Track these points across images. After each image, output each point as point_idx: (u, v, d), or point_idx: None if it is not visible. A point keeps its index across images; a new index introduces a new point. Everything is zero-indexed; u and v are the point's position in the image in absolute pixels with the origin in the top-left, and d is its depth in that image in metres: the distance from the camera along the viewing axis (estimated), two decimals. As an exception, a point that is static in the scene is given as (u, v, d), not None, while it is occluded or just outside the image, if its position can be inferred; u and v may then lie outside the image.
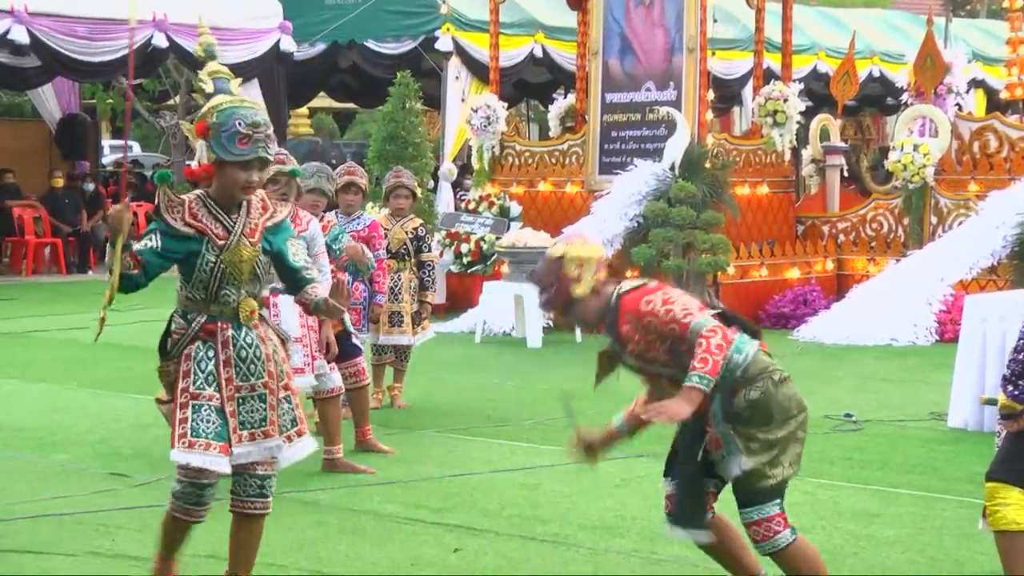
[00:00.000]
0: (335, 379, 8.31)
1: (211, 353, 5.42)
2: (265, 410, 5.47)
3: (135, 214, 24.14)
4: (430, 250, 10.76)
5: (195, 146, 5.43)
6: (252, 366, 5.46)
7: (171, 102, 30.76)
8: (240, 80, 5.74)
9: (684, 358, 5.14)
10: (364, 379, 8.80)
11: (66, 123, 25.73)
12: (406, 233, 10.56)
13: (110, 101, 29.52)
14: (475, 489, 6.95)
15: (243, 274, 5.42)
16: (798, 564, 5.34)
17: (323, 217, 8.67)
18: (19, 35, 20.04)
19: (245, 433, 5.43)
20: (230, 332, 5.44)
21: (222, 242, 5.37)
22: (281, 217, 5.57)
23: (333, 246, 8.49)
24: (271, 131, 5.44)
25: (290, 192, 7.87)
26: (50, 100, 25.47)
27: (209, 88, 5.43)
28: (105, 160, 36.19)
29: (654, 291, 5.29)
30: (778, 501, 5.34)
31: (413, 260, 10.52)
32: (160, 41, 21.37)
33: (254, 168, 5.36)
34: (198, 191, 5.45)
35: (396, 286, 10.33)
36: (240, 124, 5.29)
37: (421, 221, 10.91)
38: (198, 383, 5.40)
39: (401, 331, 10.37)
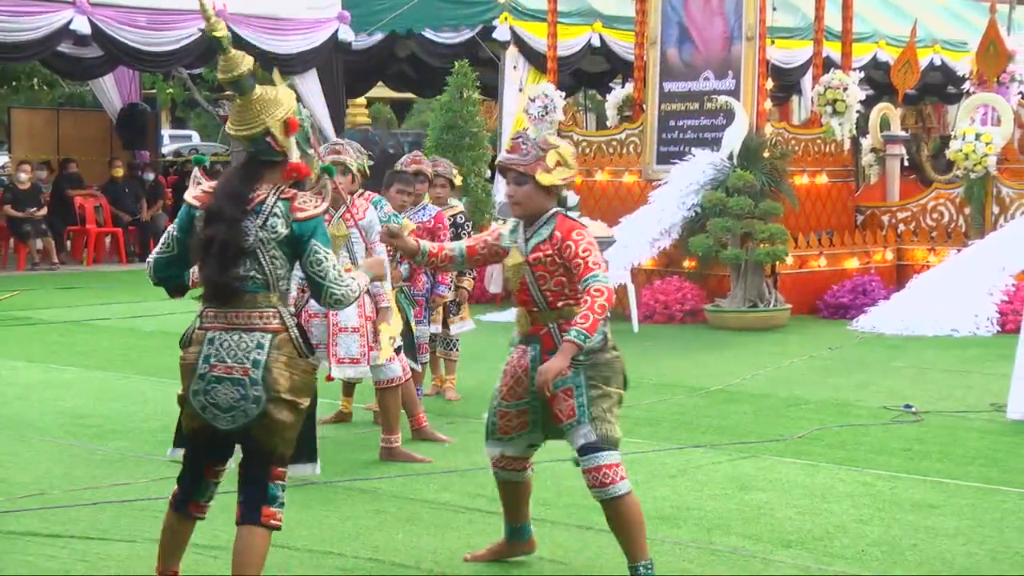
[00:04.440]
0: (393, 369, 8.32)
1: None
2: None
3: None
4: (468, 237, 10.70)
5: (286, 145, 5.32)
6: None
7: (230, 92, 30.98)
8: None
9: (564, 293, 5.82)
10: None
11: (126, 113, 25.93)
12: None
13: (170, 91, 29.76)
14: (532, 478, 6.93)
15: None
16: (629, 515, 5.75)
17: (362, 194, 8.60)
18: (81, 26, 20.23)
19: None
20: None
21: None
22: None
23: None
24: None
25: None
26: (111, 90, 25.68)
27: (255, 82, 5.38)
28: (165, 150, 36.49)
29: (585, 232, 5.82)
30: (617, 452, 5.78)
31: None
32: (219, 31, 21.51)
33: None
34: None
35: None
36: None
37: (462, 209, 10.81)
38: None
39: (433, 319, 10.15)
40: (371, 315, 8.21)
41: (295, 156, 5.33)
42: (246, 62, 5.32)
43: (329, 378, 8.34)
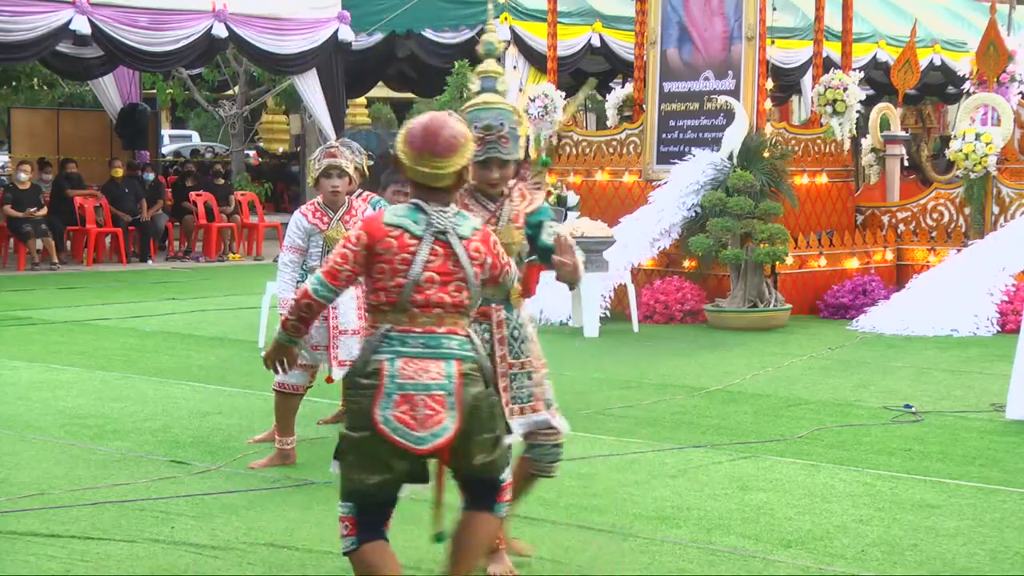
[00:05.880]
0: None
1: (487, 335, 5.84)
2: (531, 387, 5.90)
3: (194, 204, 24.41)
4: None
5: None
6: (522, 345, 5.93)
7: (230, 92, 31.01)
8: (504, 76, 6.12)
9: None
10: None
11: (127, 113, 25.92)
12: None
13: (170, 91, 29.78)
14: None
15: (511, 256, 5.79)
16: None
17: (360, 194, 8.66)
18: (81, 26, 20.23)
19: (516, 407, 5.87)
20: (504, 313, 5.89)
21: (492, 227, 5.75)
22: (539, 204, 6.05)
23: None
24: (506, 131, 5.81)
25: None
26: (111, 90, 25.68)
27: (475, 87, 5.99)
28: (165, 150, 36.50)
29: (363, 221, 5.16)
30: (343, 504, 5.30)
31: None
32: (219, 31, 21.52)
33: (493, 166, 5.80)
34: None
35: None
36: (475, 127, 5.67)
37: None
38: None
39: None
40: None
41: None
42: (487, 67, 6.03)
43: (329, 380, 8.36)
